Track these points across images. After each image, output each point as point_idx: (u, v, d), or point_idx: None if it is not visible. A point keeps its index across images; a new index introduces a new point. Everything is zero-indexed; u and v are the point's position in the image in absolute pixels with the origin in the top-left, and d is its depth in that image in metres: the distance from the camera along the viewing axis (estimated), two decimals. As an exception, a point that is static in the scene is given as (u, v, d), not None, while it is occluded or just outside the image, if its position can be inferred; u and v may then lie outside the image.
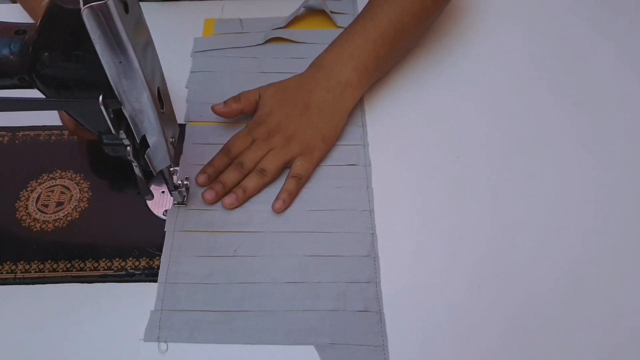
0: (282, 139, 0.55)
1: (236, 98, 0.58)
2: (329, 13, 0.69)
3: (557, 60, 0.67)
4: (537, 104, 0.62)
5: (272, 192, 0.54)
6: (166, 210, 0.53)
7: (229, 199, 0.53)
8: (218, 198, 0.53)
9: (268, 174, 0.54)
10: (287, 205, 0.53)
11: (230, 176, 0.54)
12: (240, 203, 0.53)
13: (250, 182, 0.54)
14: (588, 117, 0.61)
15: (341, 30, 0.63)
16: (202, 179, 0.54)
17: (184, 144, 0.58)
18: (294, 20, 0.69)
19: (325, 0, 0.69)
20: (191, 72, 0.65)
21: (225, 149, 0.56)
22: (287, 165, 0.56)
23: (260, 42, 0.67)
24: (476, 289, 0.49)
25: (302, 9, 0.69)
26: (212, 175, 0.54)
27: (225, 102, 0.58)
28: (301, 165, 0.55)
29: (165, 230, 0.52)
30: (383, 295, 0.48)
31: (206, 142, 0.58)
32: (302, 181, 0.55)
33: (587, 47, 0.68)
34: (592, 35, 0.69)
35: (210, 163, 0.55)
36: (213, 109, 0.58)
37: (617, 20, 0.71)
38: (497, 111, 0.62)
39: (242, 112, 0.58)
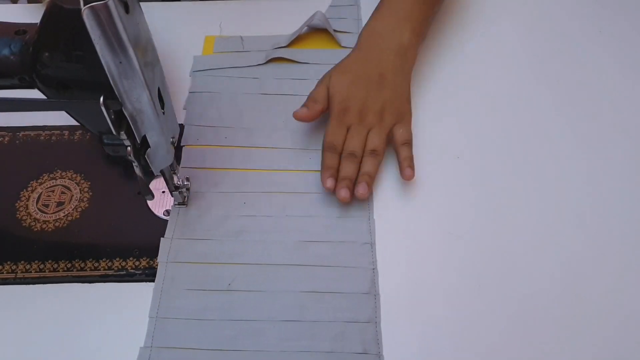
0: (375, 116, 0.56)
1: (312, 99, 0.57)
2: (332, 32, 0.67)
3: (557, 60, 0.67)
4: (536, 104, 0.62)
5: (268, 221, 0.52)
6: (167, 210, 0.53)
7: (361, 190, 0.52)
8: (352, 191, 0.53)
9: (380, 151, 0.55)
10: (414, 170, 0.54)
11: (349, 169, 0.54)
12: (371, 189, 0.53)
13: (370, 166, 0.54)
14: (588, 117, 0.61)
15: (345, 50, 0.63)
16: (330, 183, 0.53)
17: (180, 168, 0.56)
18: (297, 39, 0.67)
19: (328, 19, 0.67)
20: (190, 92, 0.63)
21: (330, 147, 0.55)
22: (389, 136, 0.56)
23: (262, 62, 0.65)
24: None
25: (305, 28, 0.67)
26: (335, 174, 0.54)
27: (307, 106, 0.57)
28: (404, 131, 0.56)
29: (157, 261, 0.50)
30: (383, 336, 0.46)
31: (203, 166, 0.56)
32: (410, 144, 0.56)
33: (587, 46, 0.68)
34: (592, 34, 0.69)
35: (325, 166, 0.54)
36: (296, 115, 0.56)
37: (617, 20, 0.71)
38: (497, 111, 0.62)
39: (323, 111, 0.57)
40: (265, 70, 0.65)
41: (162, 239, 0.51)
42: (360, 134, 0.56)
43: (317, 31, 0.68)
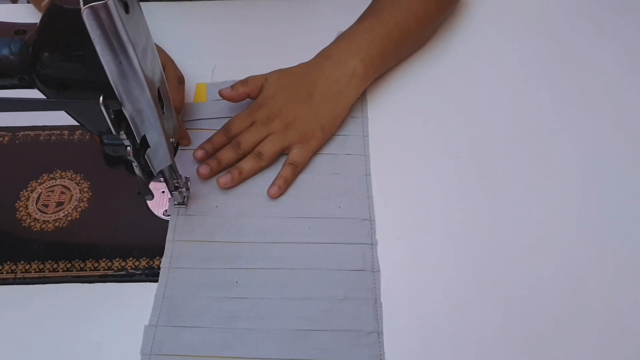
0: (282, 125, 0.55)
1: (244, 82, 0.57)
2: None
3: (557, 60, 0.67)
4: (537, 105, 0.62)
5: (263, 305, 0.47)
6: (167, 210, 0.53)
7: (224, 179, 0.53)
8: (212, 174, 0.53)
9: (264, 158, 0.54)
10: (282, 192, 0.53)
11: (226, 154, 0.54)
12: (235, 184, 0.53)
13: (247, 164, 0.54)
14: (588, 118, 0.61)
15: None
16: (200, 154, 0.54)
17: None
18: None
19: None
20: (180, 148, 0.57)
21: (225, 128, 0.56)
22: (284, 151, 0.55)
23: None
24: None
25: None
26: (210, 152, 0.55)
27: (232, 86, 0.57)
28: (298, 153, 0.55)
29: (140, 353, 0.45)
30: None
31: (191, 238, 0.51)
32: (298, 169, 0.55)
33: (587, 47, 0.68)
34: (592, 35, 0.69)
35: (209, 140, 0.55)
36: (221, 93, 0.56)
37: (617, 20, 0.71)
38: (497, 112, 0.62)
39: (249, 96, 0.57)
40: None
41: (145, 325, 0.46)
42: (258, 132, 0.55)
43: None
